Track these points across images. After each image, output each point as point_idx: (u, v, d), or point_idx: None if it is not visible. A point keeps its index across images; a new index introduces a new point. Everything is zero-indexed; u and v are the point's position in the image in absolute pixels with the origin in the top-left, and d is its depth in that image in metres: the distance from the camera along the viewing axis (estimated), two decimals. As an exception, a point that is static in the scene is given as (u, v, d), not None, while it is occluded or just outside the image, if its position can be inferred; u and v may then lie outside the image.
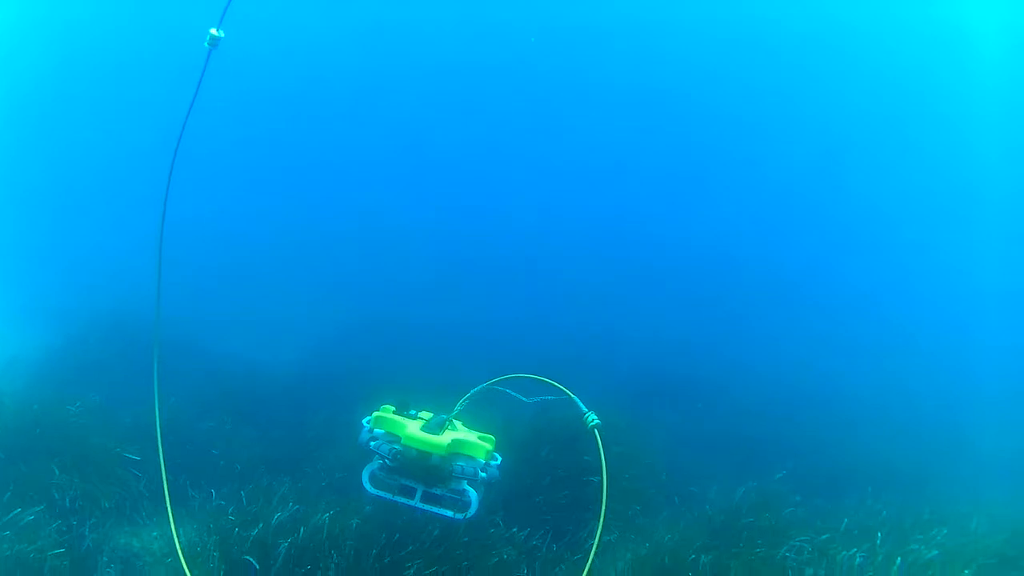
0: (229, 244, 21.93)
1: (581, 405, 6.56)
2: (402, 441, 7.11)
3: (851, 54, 30.57)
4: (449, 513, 7.20)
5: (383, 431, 7.34)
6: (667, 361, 19.02)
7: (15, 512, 7.50)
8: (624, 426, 12.09)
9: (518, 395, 7.37)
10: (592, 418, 6.40)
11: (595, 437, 6.30)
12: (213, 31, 5.96)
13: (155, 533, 8.31)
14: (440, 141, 28.73)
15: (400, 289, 20.59)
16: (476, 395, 7.45)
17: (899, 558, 8.77)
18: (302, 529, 7.88)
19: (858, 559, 8.81)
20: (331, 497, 9.07)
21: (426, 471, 7.16)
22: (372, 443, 7.28)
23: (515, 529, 9.31)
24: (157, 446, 6.53)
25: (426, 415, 7.65)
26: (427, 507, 7.24)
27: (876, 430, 16.60)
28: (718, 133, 30.80)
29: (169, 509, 6.39)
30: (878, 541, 9.42)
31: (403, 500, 7.27)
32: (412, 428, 7.23)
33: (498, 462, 7.51)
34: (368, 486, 7.33)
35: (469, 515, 7.19)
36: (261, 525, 7.90)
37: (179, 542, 6.30)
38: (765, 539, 9.33)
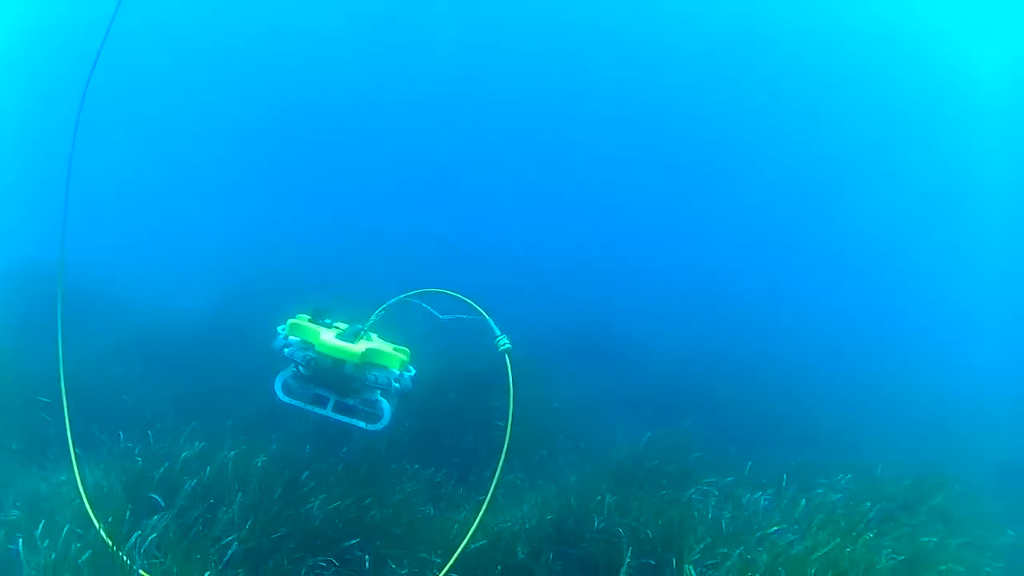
0: (136, 190, 21.76)
1: (495, 327, 6.67)
2: (316, 348, 7.08)
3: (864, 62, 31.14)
4: (361, 424, 7.25)
5: (298, 338, 7.30)
6: (581, 320, 19.35)
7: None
8: (537, 374, 12.28)
9: (433, 311, 7.43)
10: (504, 342, 6.50)
11: (505, 361, 6.39)
12: None
13: (63, 477, 8.27)
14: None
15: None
16: (392, 307, 7.45)
17: (804, 500, 9.05)
18: (208, 468, 7.94)
19: (763, 501, 9.10)
20: (238, 437, 9.08)
21: (339, 380, 7.17)
22: (286, 350, 7.25)
23: (419, 467, 9.45)
24: (61, 390, 6.54)
25: (342, 326, 7.63)
26: (339, 417, 7.28)
27: (785, 387, 17.03)
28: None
29: (72, 447, 6.46)
30: (783, 483, 9.74)
31: (315, 409, 7.29)
32: (327, 336, 7.19)
33: (412, 374, 7.51)
34: (280, 394, 7.33)
35: (381, 426, 7.24)
36: (167, 464, 7.93)
37: (82, 483, 6.34)
38: (671, 482, 9.58)
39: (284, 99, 29.75)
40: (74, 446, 6.49)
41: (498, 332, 6.60)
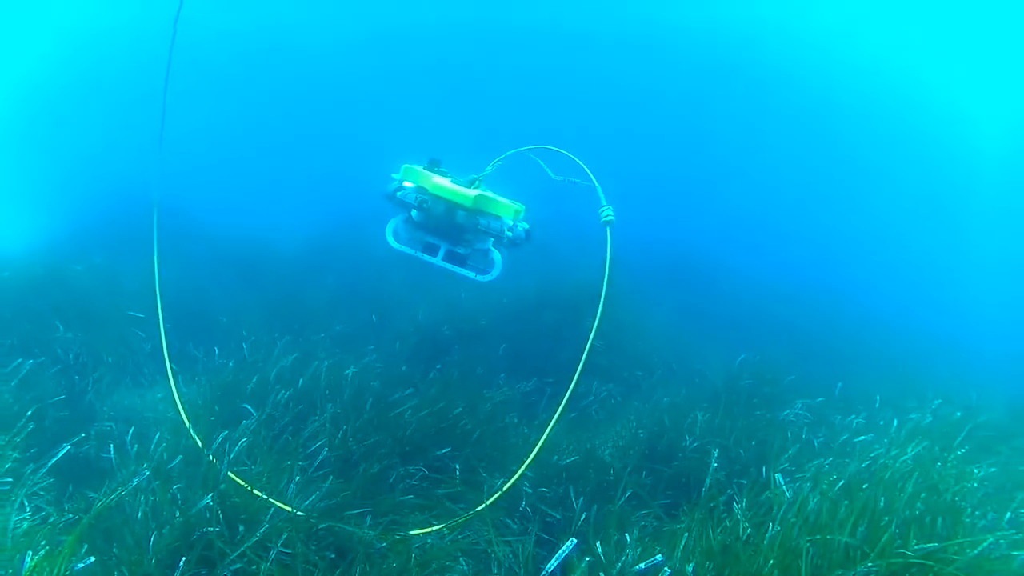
0: (234, 120, 21.96)
1: (602, 196, 6.34)
2: (429, 190, 6.96)
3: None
4: (471, 274, 7.21)
5: (412, 184, 7.21)
6: (671, 248, 19.12)
7: (16, 362, 7.52)
8: (632, 300, 12.10)
9: (547, 169, 7.20)
10: (608, 213, 6.18)
11: (606, 233, 6.09)
12: None
13: (159, 394, 8.33)
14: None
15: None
16: (509, 159, 7.21)
17: (896, 421, 8.77)
18: (300, 380, 7.93)
19: (856, 423, 8.86)
20: (332, 350, 9.08)
21: (451, 227, 7.13)
22: (399, 193, 7.20)
23: (513, 382, 9.38)
24: (157, 304, 6.54)
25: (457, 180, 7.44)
26: (449, 266, 7.24)
27: (876, 319, 16.65)
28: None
29: (166, 356, 6.45)
30: (876, 406, 9.46)
31: (425, 257, 7.25)
32: (440, 180, 7.05)
33: (526, 227, 7.40)
34: (391, 240, 7.31)
35: (492, 277, 7.20)
36: (259, 375, 7.94)
37: (178, 394, 6.34)
38: (764, 403, 9.38)
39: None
40: (169, 360, 6.45)
41: (604, 202, 6.27)
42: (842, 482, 5.78)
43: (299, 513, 5.20)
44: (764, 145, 30.40)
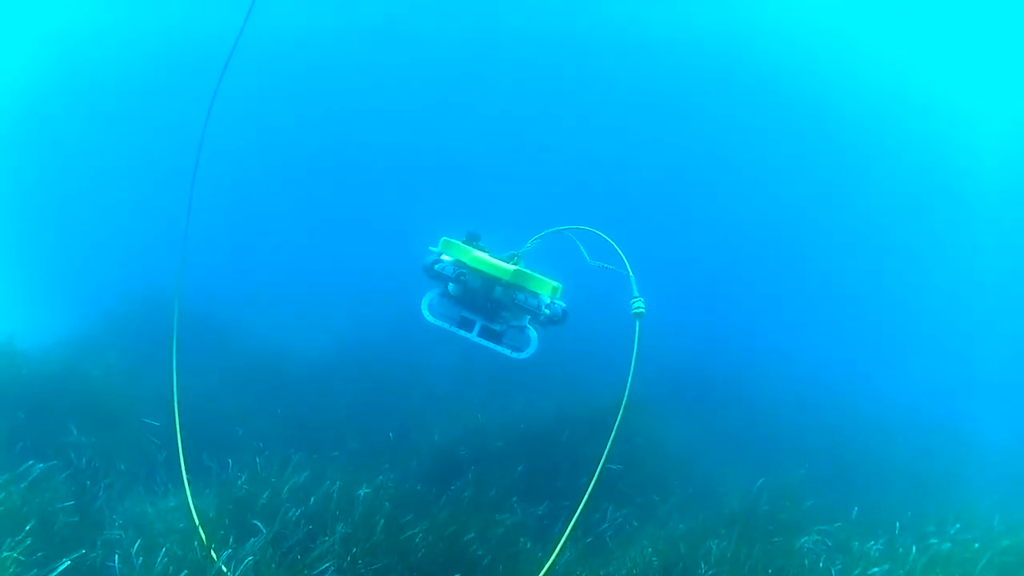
0: (255, 226, 21.98)
1: (635, 287, 6.30)
2: (468, 263, 6.95)
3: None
4: (507, 351, 7.13)
5: (450, 257, 7.19)
6: (688, 360, 18.95)
7: (27, 464, 7.49)
8: (648, 418, 12.00)
9: (584, 251, 7.20)
10: (640, 305, 6.12)
11: (636, 325, 6.01)
12: None
13: (172, 504, 8.25)
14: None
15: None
16: (546, 237, 7.21)
17: (914, 547, 8.61)
18: (312, 498, 7.85)
19: (874, 550, 8.69)
20: (345, 468, 9.01)
21: (488, 302, 7.09)
22: (436, 266, 7.19)
23: (527, 506, 9.26)
24: (175, 414, 6.52)
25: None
26: (485, 342, 7.16)
27: (895, 433, 16.44)
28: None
29: (183, 470, 6.40)
30: (896, 531, 9.30)
31: (461, 332, 7.17)
32: (479, 254, 7.04)
33: (563, 305, 7.31)
34: (427, 314, 7.26)
35: (527, 354, 7.13)
36: (271, 491, 7.87)
37: (193, 505, 6.29)
38: (783, 530, 9.21)
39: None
40: (185, 470, 6.40)
41: (636, 292, 6.23)
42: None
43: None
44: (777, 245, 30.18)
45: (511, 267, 6.89)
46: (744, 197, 29.66)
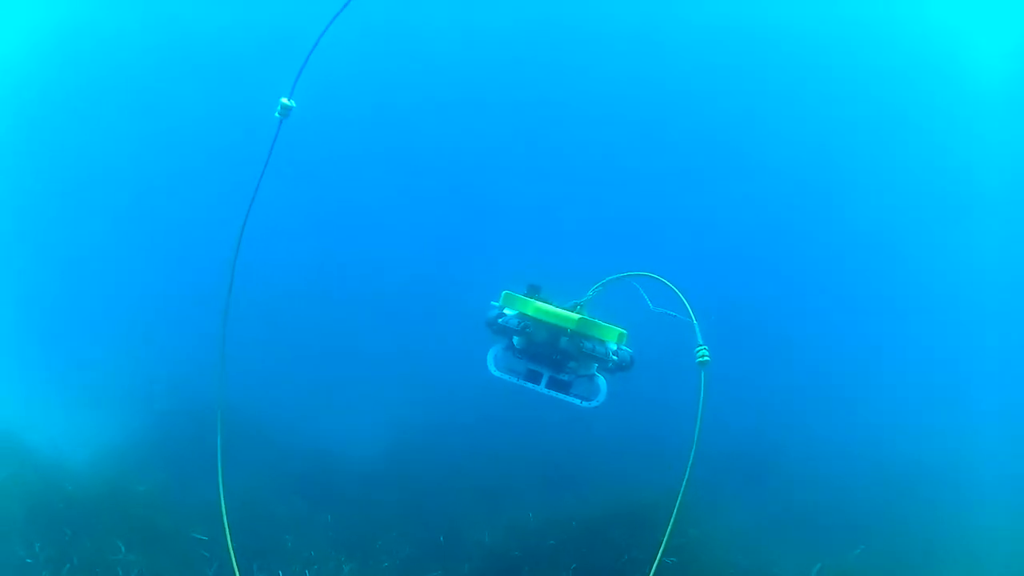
0: (299, 324, 21.75)
1: (699, 335, 6.09)
2: (532, 314, 6.87)
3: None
4: (576, 400, 7.02)
5: (513, 311, 7.09)
6: (739, 439, 18.57)
7: (78, 587, 7.41)
8: (701, 504, 11.79)
9: (647, 298, 7.06)
10: (704, 353, 5.91)
11: (700, 375, 5.83)
12: (284, 100, 5.81)
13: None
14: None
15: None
16: (609, 284, 7.10)
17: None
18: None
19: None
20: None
21: (554, 353, 6.99)
22: (500, 319, 7.08)
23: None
24: (224, 527, 6.41)
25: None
26: (553, 393, 7.07)
27: (957, 508, 16.02)
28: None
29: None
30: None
31: (529, 385, 7.07)
32: (543, 305, 6.94)
33: (630, 351, 7.18)
34: (493, 369, 7.16)
35: (597, 403, 7.02)
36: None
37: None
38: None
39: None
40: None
41: (700, 340, 6.03)
42: None
43: None
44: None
45: (576, 316, 6.84)
46: (822, 244, 28.62)
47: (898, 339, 28.02)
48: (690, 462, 5.58)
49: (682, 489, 5.56)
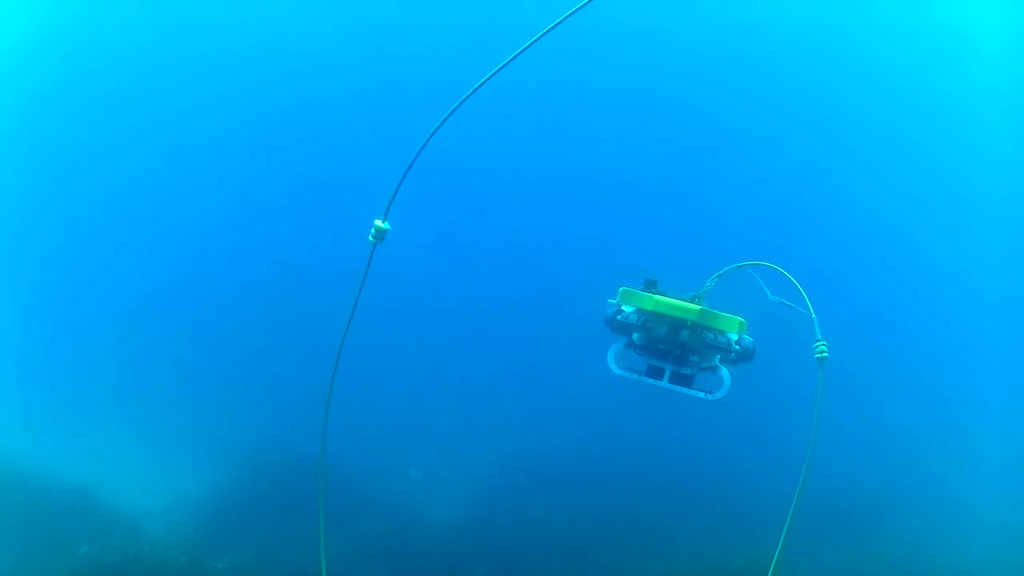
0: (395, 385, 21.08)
1: (817, 330, 5.73)
2: (652, 308, 6.65)
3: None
4: (701, 394, 6.76)
5: (632, 307, 6.91)
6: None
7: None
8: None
9: (766, 288, 6.82)
10: (823, 348, 5.56)
11: (818, 371, 5.49)
12: (379, 223, 5.50)
13: None
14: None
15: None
16: (727, 274, 6.90)
17: None
18: None
19: None
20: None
21: (675, 346, 6.78)
22: (619, 316, 6.91)
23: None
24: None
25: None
26: (677, 387, 6.81)
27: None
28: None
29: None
30: None
31: (651, 380, 6.84)
32: (662, 299, 6.74)
33: (751, 340, 6.94)
34: (614, 367, 6.92)
35: (722, 395, 6.76)
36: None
37: None
38: None
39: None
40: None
41: (819, 336, 5.64)
42: None
43: None
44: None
45: (697, 307, 6.63)
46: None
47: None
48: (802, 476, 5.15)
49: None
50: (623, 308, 6.98)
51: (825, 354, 5.52)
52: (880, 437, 15.11)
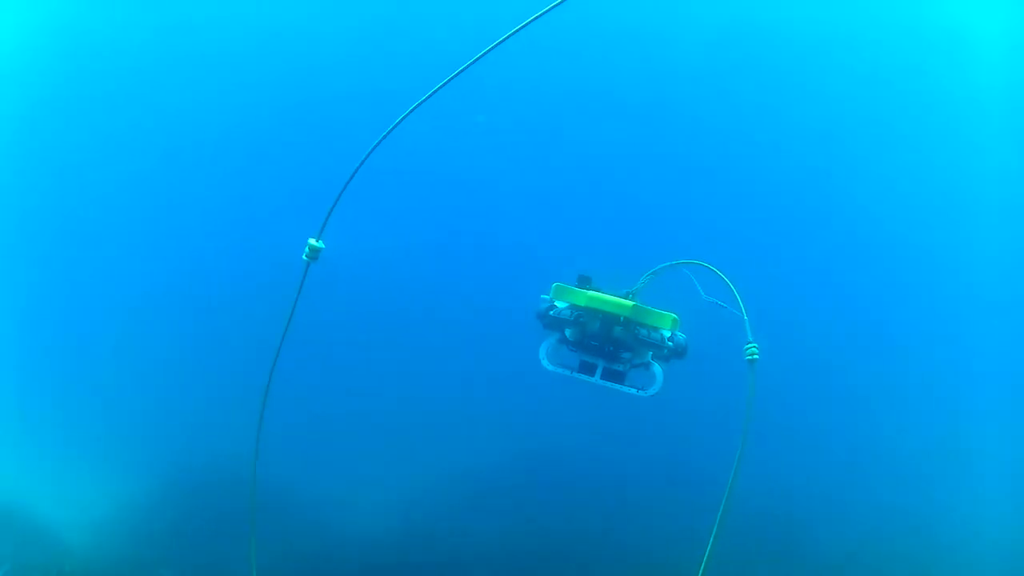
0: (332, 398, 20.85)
1: (748, 332, 5.83)
2: (584, 303, 6.68)
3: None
4: (633, 390, 6.81)
5: (565, 303, 6.94)
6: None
7: None
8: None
9: (699, 286, 6.83)
10: (754, 351, 5.65)
11: (750, 372, 5.61)
12: (313, 241, 5.57)
13: None
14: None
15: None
16: (661, 272, 6.92)
17: None
18: None
19: None
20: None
21: (608, 343, 6.80)
22: (551, 312, 6.92)
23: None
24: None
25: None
26: (609, 383, 6.86)
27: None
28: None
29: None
30: None
31: (583, 377, 6.87)
32: (595, 294, 6.75)
33: (684, 336, 6.99)
34: (546, 363, 6.97)
35: (654, 391, 6.83)
36: None
37: None
38: None
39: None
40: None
41: (750, 337, 5.75)
42: None
43: None
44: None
45: (630, 303, 6.67)
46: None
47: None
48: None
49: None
50: (556, 304, 7.00)
51: (756, 356, 5.60)
52: (815, 442, 15.29)
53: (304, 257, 5.55)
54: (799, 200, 23.25)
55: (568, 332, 6.92)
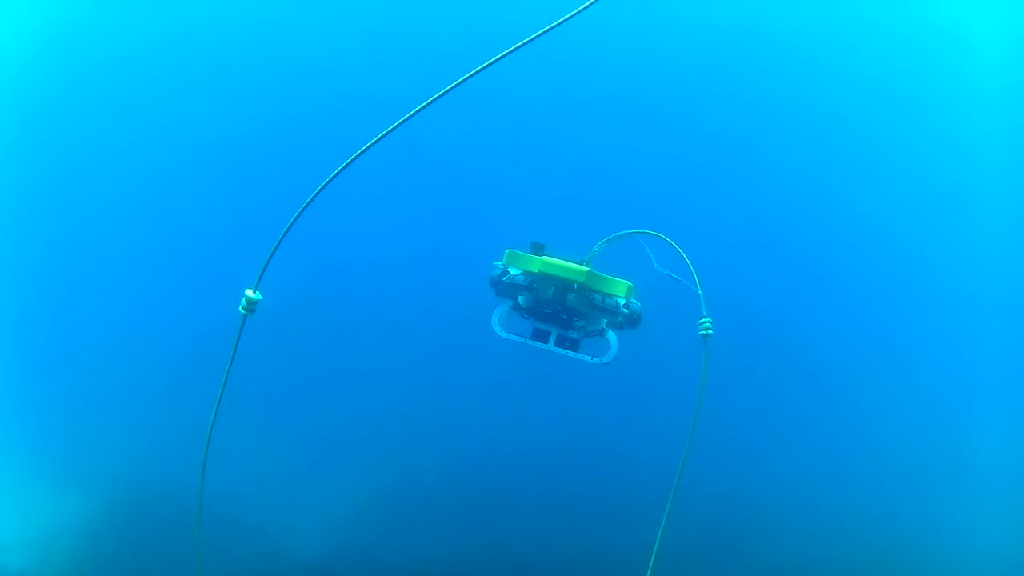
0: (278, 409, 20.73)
1: (703, 306, 5.83)
2: (538, 269, 6.61)
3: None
4: (587, 358, 6.75)
5: (518, 269, 6.83)
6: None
7: None
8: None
9: (653, 258, 6.73)
10: (707, 326, 5.66)
11: (703, 348, 5.61)
12: (250, 292, 5.37)
13: None
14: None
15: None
16: (615, 240, 6.80)
17: None
18: None
19: None
20: None
21: (561, 310, 6.78)
22: (504, 277, 6.79)
23: None
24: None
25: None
26: (562, 351, 6.81)
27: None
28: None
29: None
30: None
31: (537, 344, 6.84)
32: (549, 260, 6.68)
33: (639, 304, 6.86)
34: (499, 330, 6.90)
35: (608, 359, 6.75)
36: None
37: None
38: None
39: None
40: None
41: (704, 312, 5.76)
42: None
43: None
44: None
45: (584, 268, 6.58)
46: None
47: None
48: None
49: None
50: (509, 270, 6.88)
51: (710, 331, 5.62)
52: (768, 423, 15.26)
53: (241, 310, 5.33)
54: (771, 184, 23.40)
55: (521, 299, 6.86)
